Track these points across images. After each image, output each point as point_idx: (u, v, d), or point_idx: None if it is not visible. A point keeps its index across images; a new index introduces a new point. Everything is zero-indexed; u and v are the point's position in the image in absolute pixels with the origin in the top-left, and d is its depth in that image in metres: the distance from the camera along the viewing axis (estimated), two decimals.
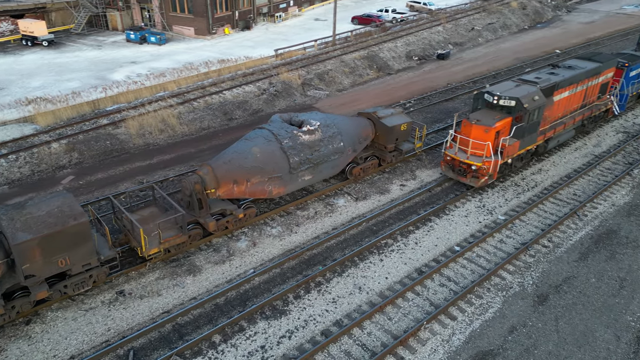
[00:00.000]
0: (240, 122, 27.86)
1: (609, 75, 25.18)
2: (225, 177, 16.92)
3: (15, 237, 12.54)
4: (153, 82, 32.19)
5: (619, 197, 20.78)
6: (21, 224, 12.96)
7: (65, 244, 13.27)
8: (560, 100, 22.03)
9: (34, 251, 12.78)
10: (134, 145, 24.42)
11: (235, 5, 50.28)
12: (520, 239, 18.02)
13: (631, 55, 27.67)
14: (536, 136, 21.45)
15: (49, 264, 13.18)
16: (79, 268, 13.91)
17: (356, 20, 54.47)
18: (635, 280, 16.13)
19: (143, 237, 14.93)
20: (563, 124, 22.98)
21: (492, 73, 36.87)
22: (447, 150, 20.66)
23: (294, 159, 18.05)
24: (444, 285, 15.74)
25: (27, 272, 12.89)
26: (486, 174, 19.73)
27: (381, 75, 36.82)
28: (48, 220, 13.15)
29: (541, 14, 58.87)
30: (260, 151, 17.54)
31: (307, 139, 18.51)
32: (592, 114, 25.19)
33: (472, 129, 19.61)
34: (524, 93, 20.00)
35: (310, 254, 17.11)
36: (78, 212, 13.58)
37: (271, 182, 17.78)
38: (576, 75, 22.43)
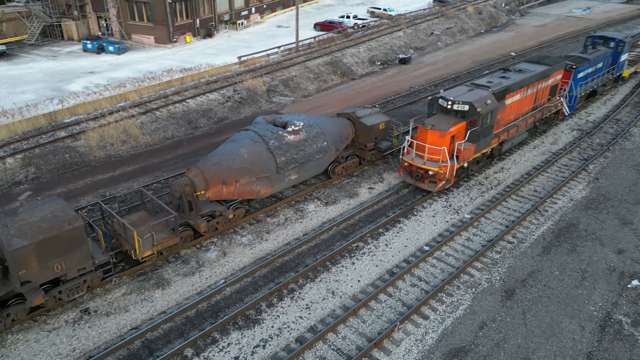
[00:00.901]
0: (205, 131, 27.46)
1: (557, 78, 25.87)
2: (214, 179, 17.14)
3: (10, 243, 12.50)
4: (113, 92, 31.34)
5: (576, 192, 21.65)
6: (15, 230, 12.89)
7: (61, 249, 13.28)
8: (512, 103, 22.45)
9: (30, 257, 12.76)
10: (95, 157, 23.66)
11: (196, 13, 49.71)
12: (486, 236, 18.49)
13: (578, 58, 28.48)
14: (490, 139, 21.76)
15: (44, 269, 13.17)
16: (74, 273, 13.93)
17: (318, 27, 54.86)
18: (595, 272, 16.80)
19: (137, 240, 14.97)
20: (516, 126, 23.43)
21: (453, 76, 37.83)
22: (405, 156, 20.75)
23: (281, 158, 18.43)
24: (415, 285, 15.94)
25: (23, 279, 12.84)
26: (443, 178, 19.89)
27: (345, 81, 37.16)
28: (42, 225, 13.11)
29: (496, 18, 60.98)
30: (247, 152, 17.80)
31: (292, 139, 18.93)
32: (544, 115, 25.83)
33: (428, 135, 19.74)
34: (476, 97, 20.27)
35: (281, 261, 16.99)
36: (72, 216, 13.59)
37: (259, 182, 18.04)
38: (526, 78, 22.90)
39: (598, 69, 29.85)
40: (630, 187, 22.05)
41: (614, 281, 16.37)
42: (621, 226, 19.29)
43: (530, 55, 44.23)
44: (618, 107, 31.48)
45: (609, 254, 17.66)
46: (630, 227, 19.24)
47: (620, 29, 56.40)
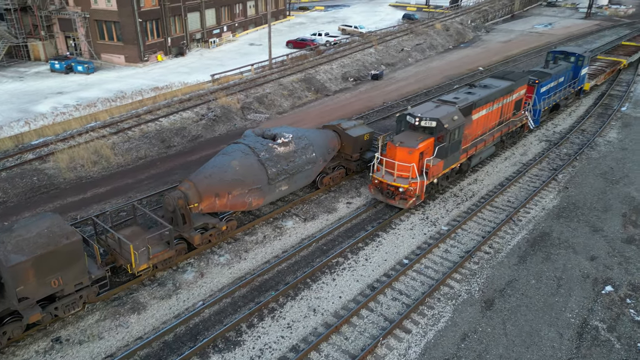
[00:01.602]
0: (179, 149, 27.08)
1: (521, 92, 26.25)
2: (207, 191, 17.28)
3: (8, 259, 12.42)
4: (83, 112, 30.66)
5: (547, 201, 22.20)
6: (12, 246, 12.79)
7: (59, 264, 13.25)
8: (479, 118, 22.71)
9: (28, 272, 12.67)
10: (65, 179, 22.96)
11: (167, 32, 49.47)
12: (464, 247, 18.69)
13: (540, 73, 28.96)
14: (459, 154, 21.90)
15: (42, 285, 13.10)
16: (71, 288, 13.86)
17: (291, 45, 55.38)
18: (570, 279, 17.15)
19: (133, 253, 15.01)
20: (483, 141, 23.68)
21: (424, 91, 38.60)
22: (375, 173, 20.58)
23: (272, 170, 18.75)
24: (396, 299, 15.91)
25: (21, 295, 12.72)
26: (414, 195, 19.81)
27: (319, 97, 37.43)
28: (40, 240, 13.03)
29: (463, 34, 62.86)
30: (239, 164, 18.06)
31: (282, 150, 19.31)
32: (510, 130, 26.24)
33: (397, 151, 19.64)
34: (443, 113, 20.35)
35: (261, 280, 16.73)
36: (69, 231, 13.58)
37: (251, 194, 18.27)
38: (492, 93, 23.19)
39: (560, 83, 30.67)
40: (598, 195, 22.75)
41: (588, 288, 16.74)
42: (592, 233, 19.83)
43: (497, 69, 45.62)
44: (583, 118, 32.67)
45: (582, 261, 18.09)
46: (601, 234, 19.80)
47: (580, 43, 58.92)
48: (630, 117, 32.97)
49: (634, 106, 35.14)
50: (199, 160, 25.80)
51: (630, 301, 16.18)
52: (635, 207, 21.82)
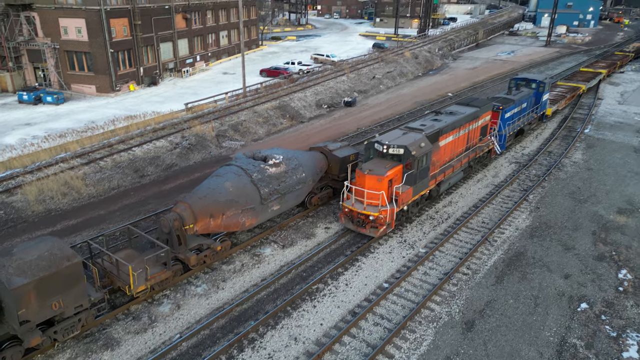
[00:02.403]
0: (153, 179, 26.65)
1: (487, 119, 26.73)
2: (202, 212, 17.49)
3: (11, 282, 12.36)
4: (52, 143, 29.96)
5: (520, 221, 22.70)
6: (14, 269, 12.74)
7: (60, 286, 13.23)
8: (446, 144, 22.88)
9: (30, 295, 12.63)
10: (33, 212, 22.20)
11: (139, 62, 49.32)
12: (442, 269, 18.82)
13: (504, 99, 29.59)
14: (428, 181, 21.90)
15: (43, 308, 13.04)
16: (71, 310, 13.78)
17: (264, 73, 56.00)
18: (546, 297, 17.42)
19: (132, 275, 15.08)
20: (452, 167, 23.86)
21: (397, 116, 39.42)
22: (344, 202, 20.38)
23: (264, 190, 19.10)
24: (378, 324, 15.79)
25: (22, 318, 12.65)
26: (384, 223, 19.54)
27: (294, 124, 37.73)
28: (41, 263, 13.01)
29: (431, 62, 64.97)
30: (232, 185, 18.35)
31: (274, 171, 19.75)
32: (477, 155, 26.59)
33: (366, 179, 19.51)
34: (411, 140, 20.37)
35: (240, 310, 16.36)
36: (70, 253, 13.61)
37: (244, 214, 18.47)
38: (458, 120, 23.48)
39: (523, 108, 31.27)
40: (568, 215, 23.42)
41: (564, 305, 17.02)
42: (565, 252, 20.30)
43: (466, 94, 47.15)
44: (549, 140, 33.89)
45: (556, 279, 18.43)
46: (573, 252, 20.29)
47: (542, 70, 61.66)
48: (593, 138, 34.39)
49: (596, 128, 36.72)
50: (173, 189, 25.45)
51: (605, 317, 16.50)
52: (604, 225, 22.53)
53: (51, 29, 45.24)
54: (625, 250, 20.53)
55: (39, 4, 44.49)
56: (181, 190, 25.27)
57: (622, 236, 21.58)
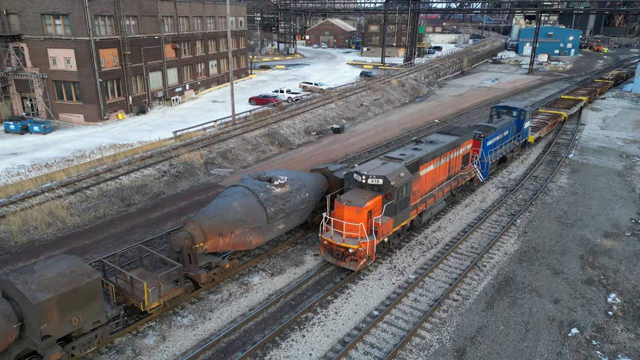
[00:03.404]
0: (140, 207, 26.38)
1: (468, 147, 26.66)
2: (211, 231, 18.01)
3: (34, 297, 12.71)
4: (38, 172, 29.64)
5: (509, 246, 22.75)
6: (36, 285, 13.07)
7: (79, 302, 13.66)
8: (427, 174, 22.58)
9: (52, 310, 13.00)
10: (16, 243, 21.76)
11: (128, 91, 49.54)
12: (433, 296, 18.67)
13: (485, 127, 29.53)
14: (409, 211, 21.38)
15: (64, 323, 13.43)
16: (90, 326, 14.15)
17: (253, 101, 56.52)
18: (537, 323, 17.31)
19: (146, 291, 15.53)
20: (433, 196, 23.52)
21: (385, 142, 39.81)
22: (323, 234, 19.78)
23: (271, 209, 19.67)
24: (368, 353, 15.51)
25: (44, 333, 12.99)
26: (364, 255, 18.98)
27: (283, 151, 37.88)
28: (62, 280, 13.43)
29: (418, 89, 66.19)
30: (240, 205, 18.95)
31: (279, 191, 20.36)
32: (459, 184, 26.40)
33: (345, 211, 18.98)
34: (390, 170, 19.94)
35: (227, 341, 15.99)
36: (89, 270, 14.09)
37: (251, 233, 19.01)
38: (438, 149, 23.28)
39: (505, 136, 31.25)
40: (555, 239, 23.55)
41: (555, 331, 16.91)
42: (553, 276, 20.31)
43: (452, 121, 47.91)
44: (534, 165, 34.37)
45: (546, 304, 18.37)
46: (562, 276, 20.31)
47: (526, 96, 63.10)
48: (577, 163, 34.95)
49: (580, 153, 37.38)
50: (160, 217, 25.18)
51: (596, 342, 16.41)
52: (591, 249, 22.66)
53: (40, 59, 45.43)
54: (613, 273, 20.60)
55: (28, 35, 44.79)
56: (169, 218, 25.03)
57: (609, 260, 21.69)
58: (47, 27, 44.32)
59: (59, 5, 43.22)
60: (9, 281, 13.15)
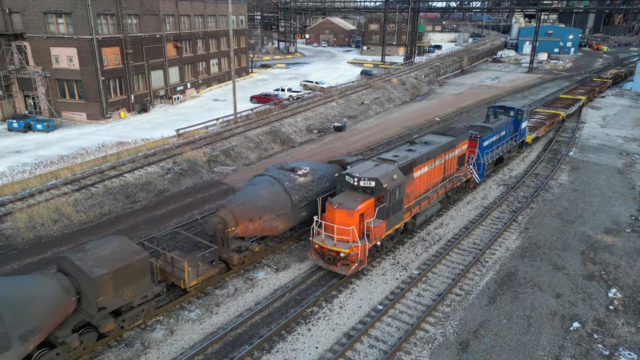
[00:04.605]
0: (144, 204, 26.59)
1: (464, 148, 26.25)
2: (242, 216, 19.24)
3: (92, 271, 13.80)
4: (43, 170, 29.83)
5: (510, 242, 23.00)
6: (92, 261, 14.12)
7: (131, 277, 14.76)
8: (421, 175, 22.16)
9: (107, 284, 14.09)
10: (23, 239, 21.97)
11: (130, 89, 49.71)
12: (436, 291, 18.92)
13: (482, 127, 29.18)
14: (402, 214, 20.92)
15: (117, 296, 14.52)
16: (138, 300, 15.33)
17: (255, 100, 56.65)
18: (539, 317, 17.56)
19: (187, 270, 16.93)
20: (428, 198, 23.12)
21: (386, 140, 40.03)
22: (314, 237, 19.34)
23: (295, 197, 20.81)
24: (373, 346, 15.76)
25: (100, 305, 14.09)
26: (356, 260, 18.62)
27: (286, 148, 38.09)
28: (115, 257, 14.51)
29: (418, 88, 66.40)
30: (267, 192, 20.21)
31: (302, 180, 21.55)
32: (455, 185, 25.96)
33: (336, 214, 18.50)
34: (382, 172, 19.47)
35: (234, 334, 16.23)
36: (138, 249, 15.31)
37: (278, 219, 20.24)
38: (433, 150, 22.87)
39: (502, 136, 30.92)
40: (557, 235, 23.80)
41: (557, 325, 17.16)
42: (555, 271, 20.56)
43: (453, 119, 48.14)
44: (535, 163, 34.62)
45: (548, 299, 18.62)
46: (563, 272, 20.57)
47: (526, 95, 63.34)
48: (578, 160, 35.21)
49: (580, 151, 37.63)
50: (165, 214, 25.40)
51: (597, 336, 16.67)
52: (592, 245, 22.92)
53: (42, 58, 45.56)
54: (614, 269, 20.86)
55: (30, 33, 44.93)
56: (173, 215, 25.25)
57: (610, 256, 21.95)
58: (50, 26, 44.47)
59: (62, 3, 43.36)
60: (67, 258, 14.16)
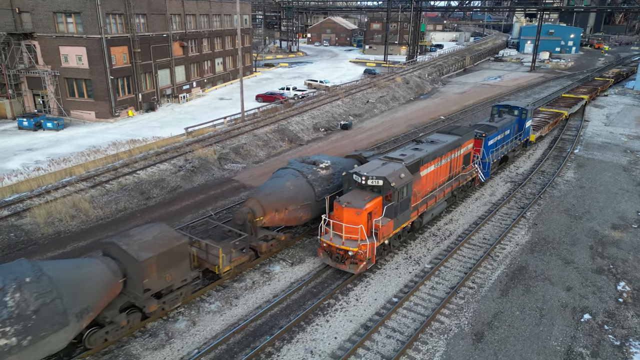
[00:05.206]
0: (159, 201, 27.02)
1: (469, 147, 26.24)
2: (269, 207, 20.17)
3: (139, 255, 14.71)
4: (57, 167, 30.26)
5: (520, 237, 23.43)
6: (137, 246, 14.98)
7: (172, 262, 15.72)
8: (428, 174, 22.28)
9: (152, 267, 14.96)
10: (43, 234, 22.39)
11: (138, 88, 50.12)
12: (449, 284, 19.35)
13: (487, 126, 29.22)
14: (409, 213, 20.96)
15: (160, 279, 15.43)
16: (178, 283, 16.28)
17: (260, 98, 57.10)
18: (550, 309, 17.99)
19: (221, 256, 17.88)
20: (434, 197, 23.15)
21: (392, 138, 40.45)
22: (322, 236, 19.42)
23: (318, 189, 21.73)
24: (390, 336, 16.19)
25: (145, 286, 14.99)
26: (364, 258, 18.65)
27: (293, 146, 38.52)
28: (158, 242, 15.39)
29: (422, 87, 66.83)
30: (292, 184, 21.18)
31: (324, 173, 22.46)
32: (460, 184, 25.99)
33: (344, 212, 18.56)
34: (390, 171, 19.50)
35: (255, 325, 16.67)
36: (178, 235, 16.32)
37: (302, 210, 21.13)
38: (439, 149, 22.96)
39: (506, 135, 30.97)
40: (565, 230, 24.23)
41: (568, 316, 17.60)
42: (565, 265, 21.00)
43: (458, 118, 48.56)
44: (541, 160, 35.05)
45: (559, 292, 19.06)
46: (573, 266, 21.00)
47: (529, 93, 63.75)
48: (583, 158, 35.64)
49: (585, 149, 38.07)
50: (179, 210, 25.82)
51: (607, 327, 17.10)
52: (600, 240, 23.35)
53: (52, 57, 45.98)
54: (622, 263, 21.29)
55: (40, 33, 45.34)
56: (187, 211, 25.67)
57: (617, 250, 22.38)
58: (59, 25, 44.88)
59: (71, 3, 43.77)
60: (114, 243, 15.00)
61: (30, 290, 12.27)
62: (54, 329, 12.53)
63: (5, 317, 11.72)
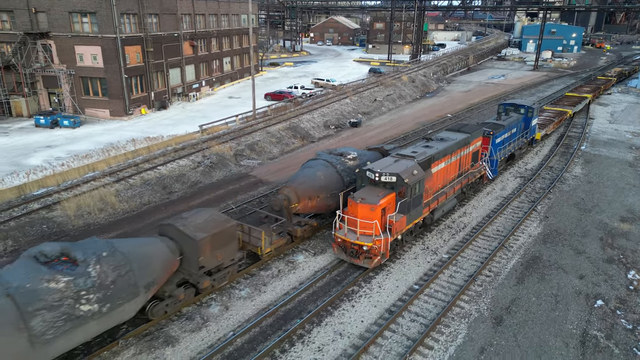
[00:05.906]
0: (180, 195, 27.87)
1: (478, 144, 26.79)
2: (303, 195, 21.39)
3: (195, 235, 15.98)
4: (79, 163, 31.12)
5: (532, 229, 24.27)
6: (192, 227, 16.25)
7: (223, 242, 16.91)
8: (438, 171, 22.72)
9: (207, 246, 16.21)
10: (74, 226, 23.25)
11: (150, 87, 50.97)
12: (467, 272, 20.20)
13: (494, 124, 29.62)
14: (421, 209, 21.45)
15: (212, 257, 16.66)
16: (227, 263, 17.53)
17: (269, 97, 57.94)
18: (565, 295, 18.84)
19: (264, 238, 19.40)
20: (444, 193, 23.65)
21: (402, 136, 41.29)
22: (337, 231, 19.91)
23: (346, 179, 22.84)
24: (414, 320, 17.04)
25: (200, 264, 16.26)
26: (378, 253, 19.12)
27: (305, 143, 39.36)
28: (210, 224, 16.67)
29: (427, 85, 67.68)
30: (323, 174, 22.40)
31: (352, 164, 23.54)
32: (469, 181, 26.46)
33: (359, 208, 18.99)
34: (403, 168, 19.96)
35: (284, 310, 17.52)
36: (227, 218, 17.62)
37: (332, 198, 22.20)
38: (449, 146, 23.38)
39: (513, 133, 31.45)
40: (575, 223, 25.08)
41: (582, 302, 18.45)
42: (577, 255, 21.85)
43: (464, 116, 49.38)
44: (548, 156, 35.88)
45: (572, 280, 19.91)
46: (584, 255, 21.85)
47: (534, 92, 64.56)
48: (590, 154, 36.48)
49: (591, 145, 38.91)
50: (200, 204, 26.64)
51: (620, 312, 17.95)
52: (610, 231, 24.19)
53: (67, 56, 46.83)
54: (632, 253, 22.14)
55: (55, 32, 46.19)
56: (209, 205, 26.50)
57: (627, 241, 23.23)
58: (75, 25, 45.73)
59: (87, 3, 44.62)
60: (171, 224, 16.36)
61: (108, 263, 13.54)
62: (128, 298, 13.81)
63: (90, 286, 12.91)
